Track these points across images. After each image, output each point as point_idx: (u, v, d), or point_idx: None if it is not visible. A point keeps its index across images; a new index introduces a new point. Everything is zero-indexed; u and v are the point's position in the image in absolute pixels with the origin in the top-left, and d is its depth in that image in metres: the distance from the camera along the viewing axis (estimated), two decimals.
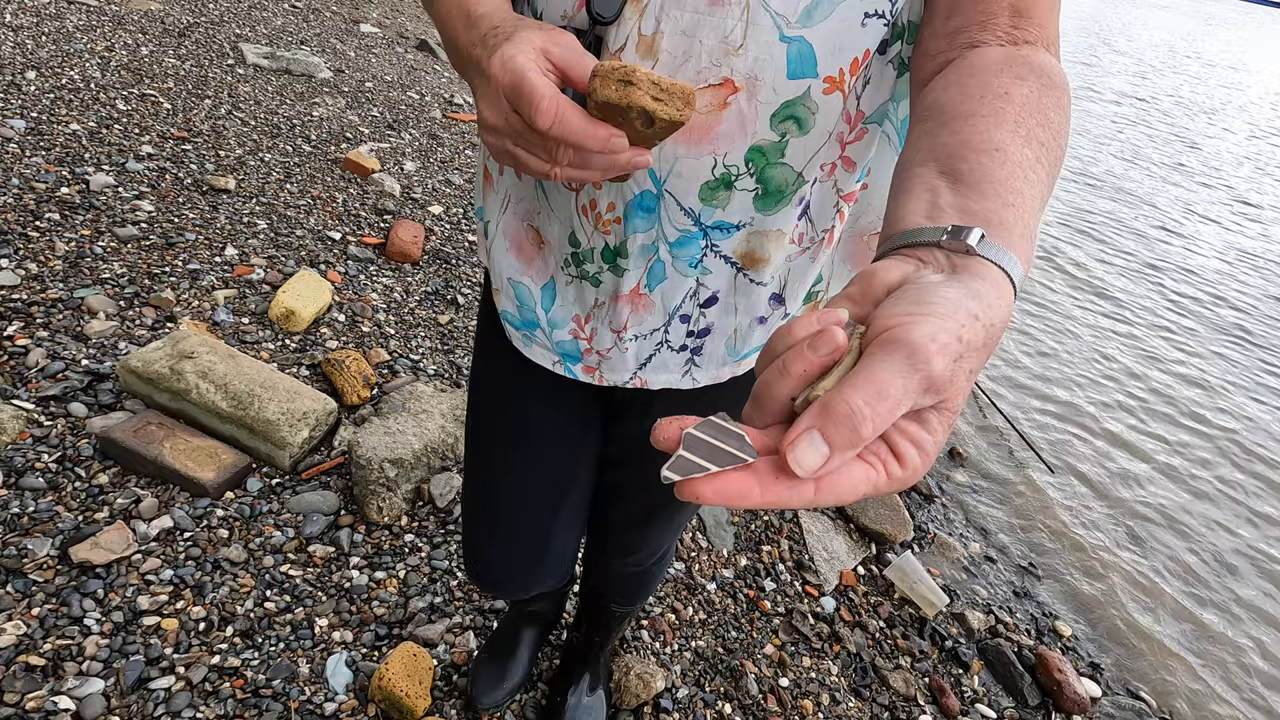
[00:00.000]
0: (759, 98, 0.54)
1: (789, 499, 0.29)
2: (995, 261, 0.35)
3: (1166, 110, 9.88)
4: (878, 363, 0.29)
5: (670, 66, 0.54)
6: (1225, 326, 4.14)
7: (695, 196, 0.60)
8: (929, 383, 0.29)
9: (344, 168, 2.97)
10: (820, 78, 0.54)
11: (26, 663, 1.17)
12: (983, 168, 0.40)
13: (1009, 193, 0.39)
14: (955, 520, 2.42)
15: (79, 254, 1.98)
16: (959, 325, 0.30)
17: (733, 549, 1.93)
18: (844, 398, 0.28)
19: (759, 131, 0.56)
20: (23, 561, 1.29)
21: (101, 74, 2.92)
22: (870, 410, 0.27)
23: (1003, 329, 0.34)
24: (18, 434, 1.49)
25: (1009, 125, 0.42)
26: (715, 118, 0.55)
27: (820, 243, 0.69)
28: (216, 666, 1.27)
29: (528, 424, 0.88)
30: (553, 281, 0.73)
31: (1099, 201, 5.68)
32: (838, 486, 0.29)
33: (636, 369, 0.74)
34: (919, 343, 0.29)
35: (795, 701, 1.60)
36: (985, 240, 0.35)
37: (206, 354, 1.66)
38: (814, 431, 0.28)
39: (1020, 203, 0.39)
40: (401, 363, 2.08)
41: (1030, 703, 1.82)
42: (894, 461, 0.30)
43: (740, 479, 0.29)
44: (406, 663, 1.32)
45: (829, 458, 0.28)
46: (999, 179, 0.39)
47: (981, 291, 0.33)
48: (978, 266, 0.34)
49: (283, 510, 1.56)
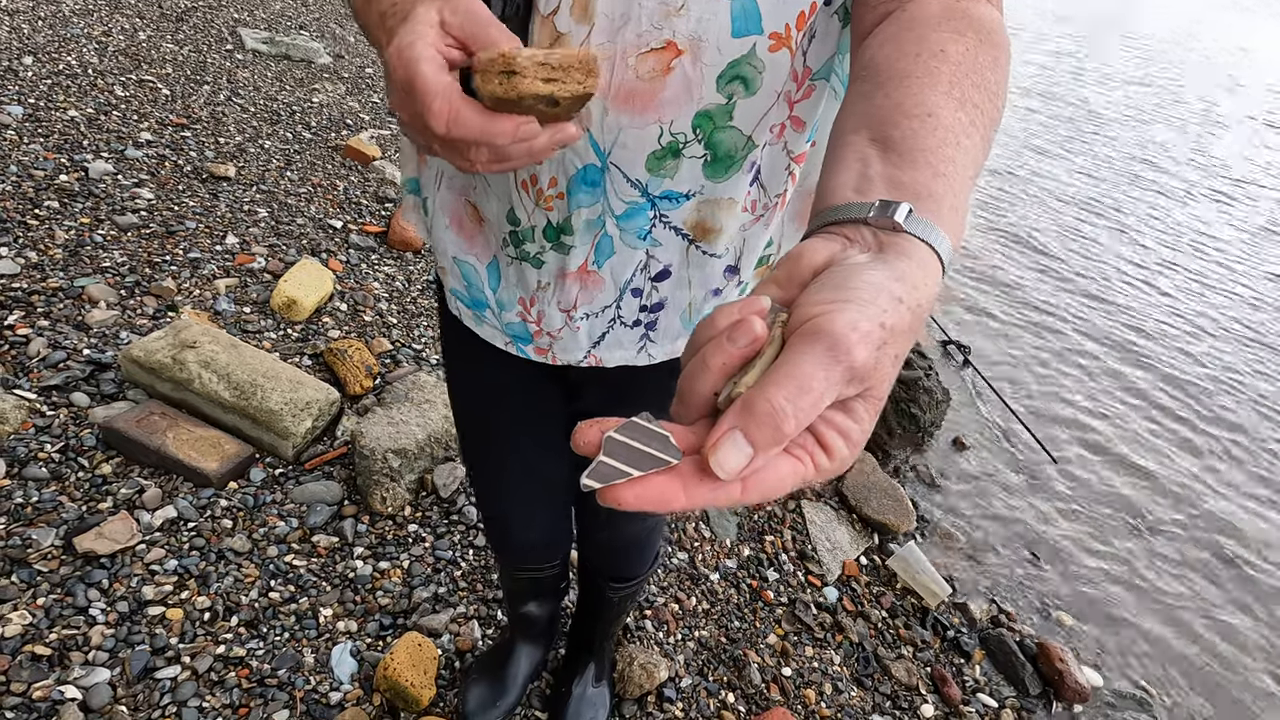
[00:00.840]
0: (703, 60, 0.52)
1: (715, 499, 0.29)
2: (923, 238, 0.34)
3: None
4: (799, 355, 0.28)
5: (607, 30, 0.51)
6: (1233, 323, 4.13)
7: (642, 167, 0.58)
8: (852, 373, 0.28)
9: (345, 155, 2.95)
10: (766, 34, 0.52)
11: (33, 652, 1.17)
12: (914, 134, 0.39)
13: (940, 161, 0.38)
14: (958, 511, 2.42)
15: (79, 242, 1.97)
16: (881, 311, 0.29)
17: (736, 539, 1.94)
18: (765, 395, 0.27)
19: (705, 95, 0.54)
20: (27, 551, 1.29)
21: (99, 59, 2.89)
22: (792, 407, 0.27)
23: (929, 309, 0.33)
24: (20, 424, 1.48)
25: (943, 87, 0.41)
26: (659, 84, 0.53)
27: (773, 209, 0.67)
28: (222, 656, 1.27)
29: (497, 414, 0.91)
30: (496, 261, 0.71)
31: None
32: (764, 484, 0.28)
33: (590, 348, 0.73)
34: (840, 333, 0.28)
35: (798, 691, 1.61)
36: (913, 216, 0.34)
37: (209, 343, 1.65)
38: (736, 432, 0.27)
39: (952, 172, 0.38)
40: (404, 352, 2.07)
41: (1032, 692, 1.83)
42: (821, 454, 0.30)
43: (663, 483, 0.28)
44: (411, 652, 1.32)
45: (753, 458, 0.27)
46: (930, 146, 0.39)
47: (906, 272, 0.32)
48: (904, 244, 0.34)
49: (286, 500, 1.56)
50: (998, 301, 3.82)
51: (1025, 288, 4.02)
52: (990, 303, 3.79)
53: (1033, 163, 5.95)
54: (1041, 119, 7.22)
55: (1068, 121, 7.32)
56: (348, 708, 1.27)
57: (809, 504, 2.14)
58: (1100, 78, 9.69)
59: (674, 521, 1.89)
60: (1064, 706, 1.84)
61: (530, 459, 0.97)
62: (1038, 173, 5.76)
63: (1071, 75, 9.51)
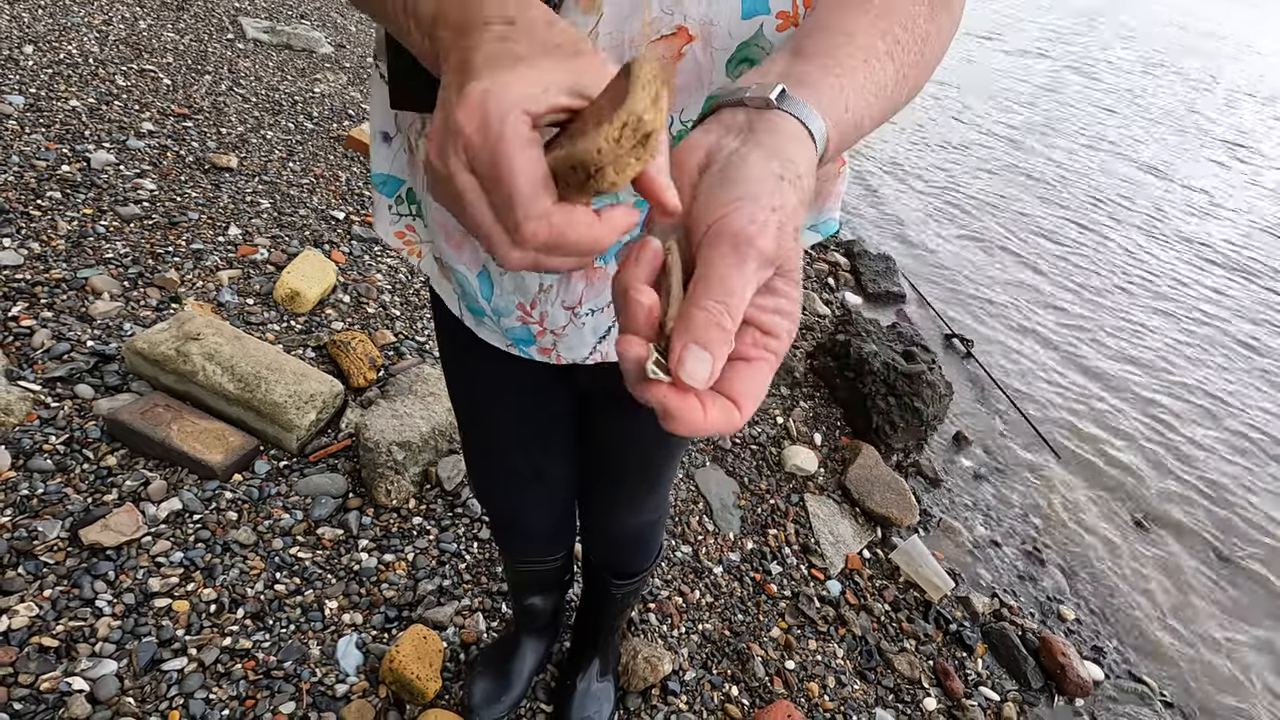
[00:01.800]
0: (714, 44, 0.51)
1: (726, 422, 0.32)
2: (793, 113, 0.36)
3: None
4: (713, 260, 0.31)
5: (615, 20, 0.50)
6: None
7: None
8: (762, 259, 0.32)
9: (346, 145, 2.93)
10: (773, 13, 0.51)
11: (39, 644, 1.18)
12: (826, 45, 0.41)
13: (839, 67, 0.40)
14: (960, 504, 2.42)
15: (81, 233, 1.96)
16: (770, 196, 0.32)
17: (739, 532, 1.94)
18: (698, 305, 0.31)
19: (716, 80, 0.53)
20: (33, 544, 1.29)
21: (100, 48, 2.87)
22: (723, 306, 0.30)
23: (812, 177, 0.35)
24: (25, 415, 1.48)
25: (869, 17, 0.43)
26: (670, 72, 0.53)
27: None
28: (228, 648, 1.27)
29: (500, 415, 0.90)
30: (486, 271, 0.67)
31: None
32: (749, 392, 0.32)
33: (596, 343, 0.72)
34: (741, 229, 0.31)
35: (801, 684, 1.61)
36: (786, 95, 0.36)
37: (213, 335, 1.65)
38: (690, 345, 0.30)
39: (849, 79, 0.40)
40: (407, 344, 2.07)
41: (1034, 685, 1.83)
42: (770, 339, 0.33)
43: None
44: (416, 645, 1.32)
45: (712, 362, 0.30)
46: (835, 56, 0.41)
47: (779, 147, 0.34)
48: (773, 119, 0.36)
49: (291, 493, 1.56)
50: (1006, 293, 3.81)
51: (1031, 284, 4.00)
52: (997, 294, 3.78)
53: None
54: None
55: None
56: (354, 700, 1.27)
57: (812, 497, 2.14)
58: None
59: (678, 515, 1.90)
60: (1066, 700, 1.85)
61: (535, 459, 0.96)
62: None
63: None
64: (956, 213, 4.63)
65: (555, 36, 0.36)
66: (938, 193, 4.86)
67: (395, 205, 0.73)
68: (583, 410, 0.92)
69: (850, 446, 2.41)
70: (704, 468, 2.08)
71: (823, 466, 2.29)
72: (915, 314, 3.46)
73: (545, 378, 0.83)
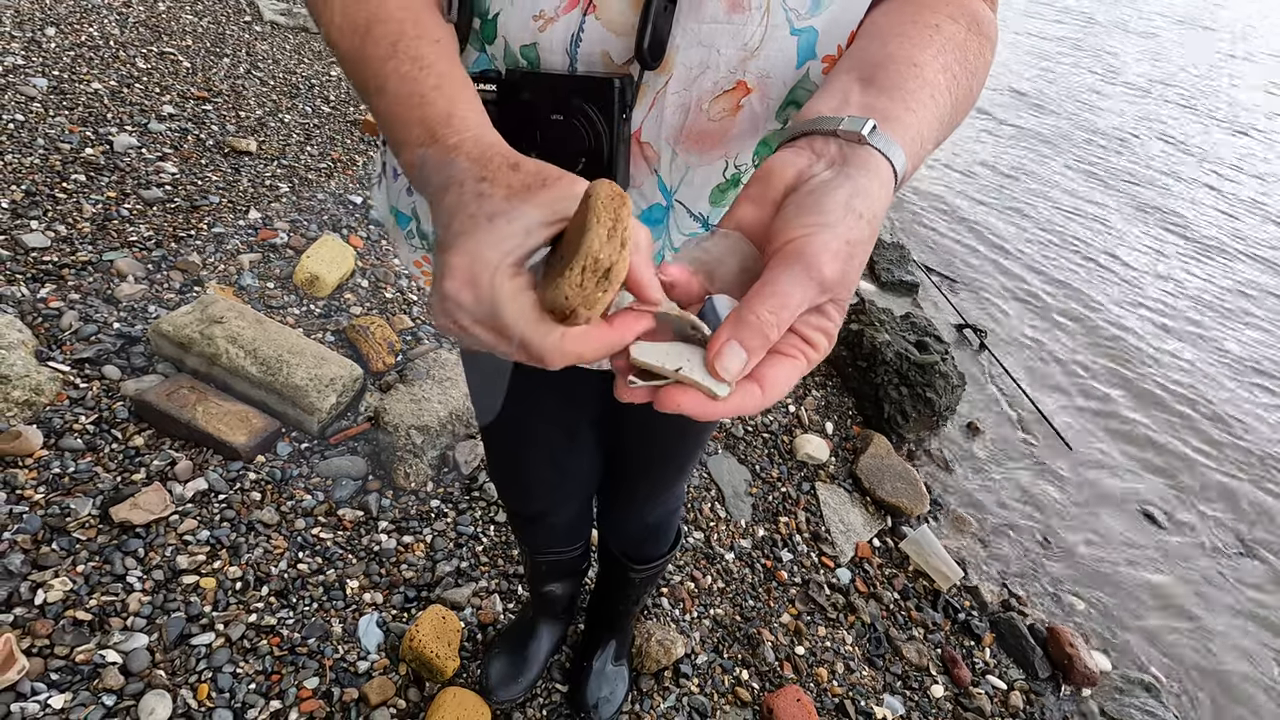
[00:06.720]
0: (770, 95, 0.53)
1: (744, 405, 0.35)
2: (882, 151, 0.39)
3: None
4: (780, 274, 0.35)
5: (685, 80, 0.52)
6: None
7: (706, 201, 0.59)
8: (825, 285, 0.35)
9: (363, 130, 2.94)
10: (819, 58, 0.53)
11: (74, 617, 1.22)
12: (897, 77, 0.44)
13: (914, 101, 0.43)
14: (971, 494, 2.43)
15: (106, 216, 1.99)
16: (847, 229, 0.35)
17: (750, 520, 1.96)
18: (753, 309, 0.34)
19: (768, 126, 0.56)
20: (66, 520, 1.33)
21: (120, 30, 2.89)
22: (775, 318, 0.34)
23: (883, 217, 0.39)
24: (55, 395, 1.52)
25: (932, 51, 0.46)
26: (729, 123, 0.54)
27: None
28: (254, 624, 1.31)
29: (525, 415, 0.90)
30: None
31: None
32: (776, 384, 0.35)
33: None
34: (815, 254, 0.34)
35: (811, 669, 1.64)
36: (877, 131, 0.39)
37: (235, 319, 1.67)
38: (732, 341, 0.34)
39: (921, 112, 0.43)
40: (425, 329, 2.09)
41: (1041, 675, 1.85)
42: (809, 348, 0.36)
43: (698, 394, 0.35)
44: (435, 625, 1.35)
45: (747, 361, 0.34)
46: (909, 89, 0.43)
47: (864, 186, 0.37)
48: (865, 157, 0.38)
49: (312, 474, 1.59)
50: (1023, 284, 3.79)
51: (1046, 273, 3.98)
52: (1016, 286, 3.76)
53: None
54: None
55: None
56: (375, 677, 1.31)
57: (823, 486, 2.16)
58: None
59: (691, 502, 1.92)
60: (1073, 690, 1.87)
61: (559, 458, 0.98)
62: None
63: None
64: (972, 203, 4.59)
65: (522, 178, 0.39)
66: (954, 181, 4.82)
67: (407, 239, 0.74)
68: (608, 407, 0.93)
69: (861, 436, 2.42)
70: (716, 455, 2.10)
71: (834, 455, 2.30)
72: (928, 303, 3.45)
73: (571, 379, 0.85)
